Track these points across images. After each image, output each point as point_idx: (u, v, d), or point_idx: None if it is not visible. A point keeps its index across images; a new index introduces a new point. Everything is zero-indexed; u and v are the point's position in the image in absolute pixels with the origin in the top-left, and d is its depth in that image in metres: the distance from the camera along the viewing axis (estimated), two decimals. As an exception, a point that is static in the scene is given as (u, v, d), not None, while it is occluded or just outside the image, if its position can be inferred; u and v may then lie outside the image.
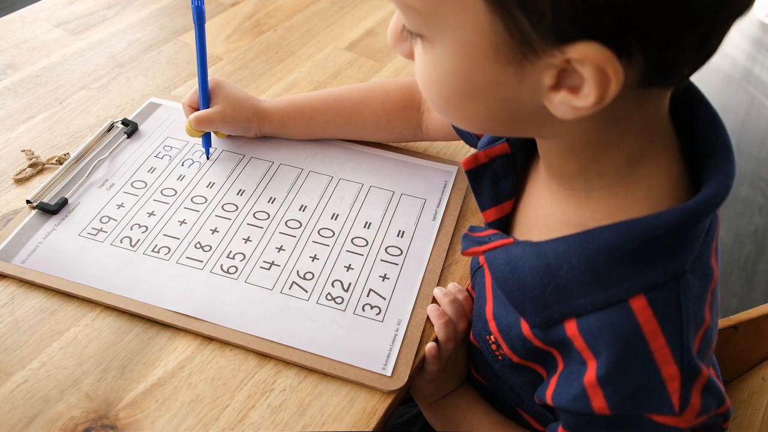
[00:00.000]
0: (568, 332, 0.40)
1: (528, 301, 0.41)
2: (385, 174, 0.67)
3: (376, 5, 0.98)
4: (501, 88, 0.35)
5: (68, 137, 0.70)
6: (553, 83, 0.33)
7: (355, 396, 0.49)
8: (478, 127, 0.41)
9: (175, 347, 0.52)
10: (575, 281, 0.38)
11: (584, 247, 0.38)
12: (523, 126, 0.39)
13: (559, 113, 0.34)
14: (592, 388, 0.39)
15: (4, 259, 0.56)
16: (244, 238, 0.60)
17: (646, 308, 0.37)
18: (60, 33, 0.86)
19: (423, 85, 0.39)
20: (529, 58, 0.32)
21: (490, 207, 0.51)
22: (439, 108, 0.40)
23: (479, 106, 0.37)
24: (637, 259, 0.37)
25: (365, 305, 0.55)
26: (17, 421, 0.46)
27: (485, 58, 0.34)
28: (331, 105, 0.68)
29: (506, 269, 0.42)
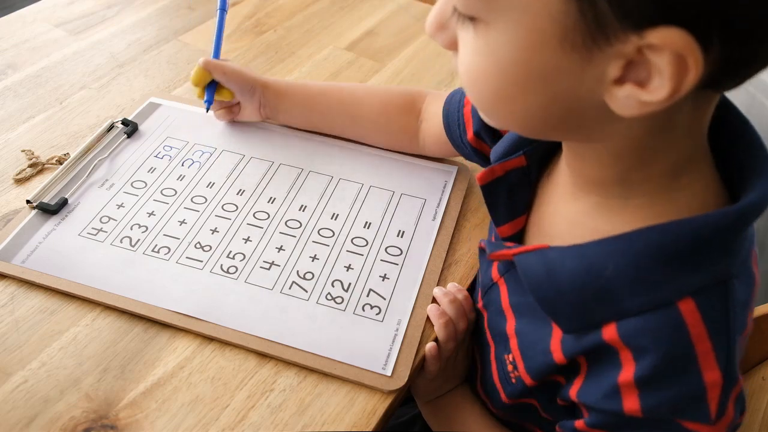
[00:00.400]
0: (605, 336, 0.38)
1: (565, 305, 0.40)
2: (385, 174, 0.67)
3: (376, 5, 0.98)
4: (561, 79, 0.33)
5: (68, 137, 0.70)
6: (619, 75, 0.31)
7: (355, 396, 0.49)
8: (526, 126, 0.38)
9: (175, 347, 0.52)
10: (619, 283, 0.37)
11: (630, 248, 0.36)
12: (575, 125, 0.36)
13: (621, 109, 0.32)
14: (627, 388, 0.38)
15: (4, 259, 0.56)
16: (244, 238, 0.60)
17: (695, 311, 0.35)
18: (60, 33, 0.86)
19: (470, 76, 0.36)
20: (599, 45, 0.30)
21: (505, 222, 0.49)
22: (486, 102, 0.37)
23: (533, 99, 0.34)
24: (684, 260, 0.35)
25: (365, 305, 0.55)
26: (17, 421, 0.46)
27: (549, 44, 0.31)
28: (335, 92, 0.69)
29: (541, 272, 0.41)
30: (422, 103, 0.66)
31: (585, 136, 0.38)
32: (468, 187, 0.67)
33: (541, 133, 0.40)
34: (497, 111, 0.37)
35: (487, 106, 0.38)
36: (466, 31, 0.35)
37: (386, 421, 0.50)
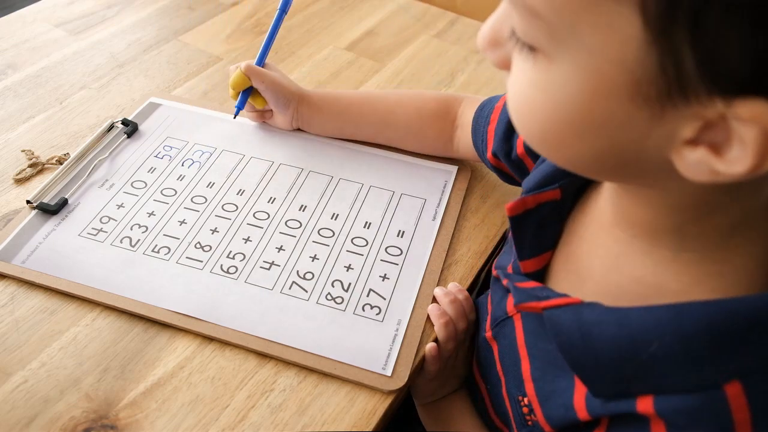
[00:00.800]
0: (638, 408, 0.36)
1: (600, 372, 0.37)
2: (385, 174, 0.67)
3: (376, 5, 0.98)
4: (624, 132, 0.29)
5: (68, 137, 0.70)
6: (692, 137, 0.28)
7: (355, 396, 0.49)
8: (574, 167, 0.35)
9: (175, 347, 0.52)
10: (663, 360, 0.34)
11: (679, 324, 0.33)
12: (631, 175, 0.33)
13: (689, 173, 0.29)
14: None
15: (4, 259, 0.56)
16: (244, 238, 0.60)
17: (741, 396, 0.33)
18: (60, 33, 0.86)
19: (520, 107, 0.33)
20: (674, 103, 0.27)
21: (531, 257, 0.46)
22: (531, 138, 0.34)
23: (587, 146, 0.31)
24: (735, 342, 0.33)
25: (365, 305, 0.55)
26: (17, 421, 0.46)
27: (617, 94, 0.28)
28: (368, 100, 0.69)
29: (575, 335, 0.37)
30: (458, 108, 0.66)
31: (641, 184, 0.35)
32: (468, 187, 0.67)
33: (591, 174, 0.36)
34: (543, 149, 0.34)
35: (533, 141, 0.34)
36: (523, 58, 0.31)
37: (386, 421, 0.50)
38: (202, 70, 0.81)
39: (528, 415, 0.45)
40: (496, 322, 0.51)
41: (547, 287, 0.42)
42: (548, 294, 0.41)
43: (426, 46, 0.90)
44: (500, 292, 0.52)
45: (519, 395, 0.46)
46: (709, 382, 0.33)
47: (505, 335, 0.49)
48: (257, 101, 0.68)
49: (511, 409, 0.48)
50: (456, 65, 0.86)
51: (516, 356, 0.47)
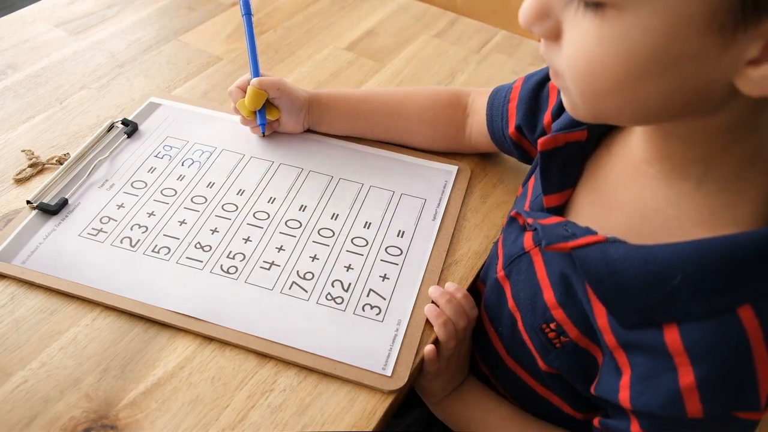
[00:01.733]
0: (666, 338, 0.39)
1: (627, 303, 0.41)
2: (385, 174, 0.67)
3: (376, 5, 0.98)
4: (695, 65, 0.32)
5: (68, 137, 0.70)
6: (757, 56, 0.31)
7: (355, 396, 0.49)
8: (637, 115, 0.38)
9: (175, 347, 0.52)
10: (686, 290, 0.38)
11: (702, 259, 0.37)
12: (693, 109, 0.35)
13: (753, 89, 0.32)
14: (689, 392, 0.38)
15: (4, 260, 0.56)
16: (244, 238, 0.60)
17: (754, 318, 0.37)
18: (60, 33, 0.86)
19: (589, 66, 0.34)
20: (746, 25, 0.30)
21: (555, 192, 0.49)
22: (600, 93, 0.35)
23: (659, 86, 0.34)
24: (749, 270, 0.37)
25: (365, 305, 0.55)
26: (17, 421, 0.46)
27: (694, 28, 0.30)
28: (378, 95, 0.70)
29: (604, 271, 0.41)
30: (468, 98, 0.68)
31: (694, 116, 0.37)
32: (468, 187, 0.67)
33: (649, 119, 0.39)
34: (610, 101, 0.36)
35: (602, 96, 0.36)
36: (585, 19, 0.33)
37: (386, 421, 0.50)
38: (202, 70, 0.81)
39: (555, 339, 0.48)
40: (510, 260, 0.53)
41: (570, 221, 0.45)
42: (573, 231, 0.44)
43: (426, 46, 0.90)
44: (515, 232, 0.54)
45: (543, 324, 0.49)
46: (725, 308, 0.37)
47: (520, 271, 0.52)
48: (272, 113, 0.68)
49: (531, 341, 0.50)
50: (456, 65, 0.86)
51: (536, 287, 0.49)
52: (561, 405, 0.53)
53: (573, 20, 0.34)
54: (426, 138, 0.69)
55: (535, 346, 0.50)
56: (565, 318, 0.47)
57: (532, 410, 0.56)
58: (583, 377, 0.48)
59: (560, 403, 0.53)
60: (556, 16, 0.35)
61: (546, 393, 0.54)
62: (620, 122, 0.43)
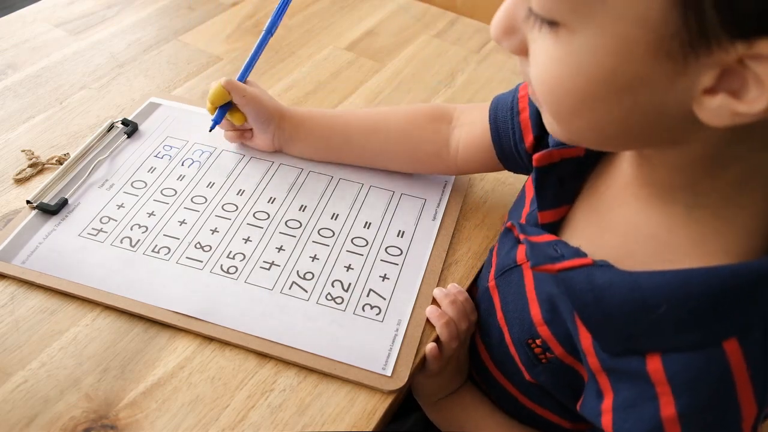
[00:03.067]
0: (648, 367, 0.38)
1: (610, 330, 0.40)
2: (385, 174, 0.67)
3: (376, 5, 0.98)
4: (649, 89, 0.31)
5: (68, 137, 0.70)
6: (711, 85, 0.30)
7: (355, 396, 0.49)
8: (602, 137, 0.37)
9: (175, 347, 0.52)
10: (672, 320, 0.37)
11: (687, 288, 0.36)
12: (654, 134, 0.35)
13: (711, 119, 0.31)
14: (670, 423, 0.38)
15: (4, 260, 0.56)
16: (244, 238, 0.60)
17: (738, 351, 0.36)
18: (60, 33, 0.86)
19: (548, 85, 0.34)
20: (696, 54, 0.29)
21: (549, 208, 0.48)
22: (562, 114, 0.36)
23: (614, 111, 0.33)
24: (735, 303, 0.36)
25: (365, 305, 0.55)
26: (17, 421, 0.46)
27: (641, 53, 0.30)
28: (357, 114, 0.66)
29: (589, 296, 0.40)
30: (453, 112, 0.64)
31: (661, 144, 0.37)
32: (468, 187, 0.67)
33: (615, 143, 0.39)
34: (573, 122, 0.36)
35: (563, 117, 0.36)
36: (543, 36, 0.33)
37: (386, 421, 0.50)
38: (202, 70, 0.82)
39: (541, 355, 0.47)
40: (501, 271, 0.52)
41: (561, 241, 0.44)
42: (562, 252, 0.43)
43: (426, 46, 0.90)
44: (509, 243, 0.53)
45: (529, 339, 0.48)
46: (710, 341, 0.36)
47: (510, 283, 0.51)
48: (235, 117, 0.65)
49: (518, 354, 0.50)
50: (456, 65, 0.86)
51: (524, 302, 0.49)
52: (548, 415, 0.53)
53: (535, 37, 0.34)
54: (407, 157, 0.65)
55: (522, 360, 0.50)
56: (551, 336, 0.46)
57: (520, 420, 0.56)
58: (570, 392, 0.47)
59: (547, 414, 0.53)
60: (522, 32, 0.35)
61: (531, 405, 0.54)
62: (588, 145, 0.43)
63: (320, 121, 0.66)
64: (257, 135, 0.66)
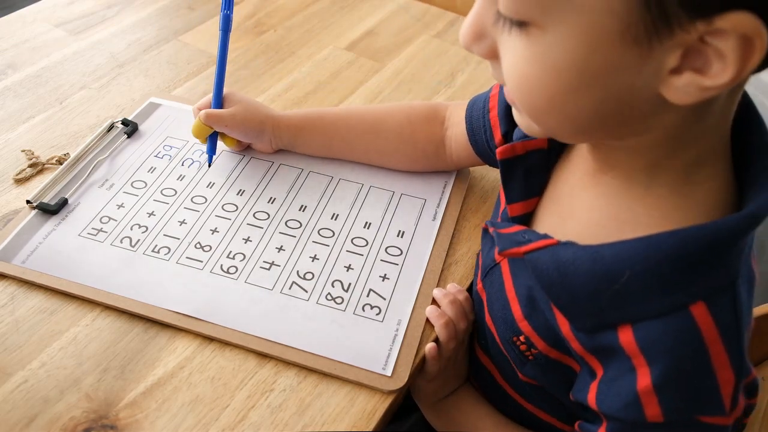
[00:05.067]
0: (621, 339, 0.39)
1: (578, 306, 0.40)
2: (385, 174, 0.67)
3: (376, 5, 0.98)
4: (619, 75, 0.33)
5: (68, 137, 0.70)
6: (677, 65, 0.31)
7: (355, 396, 0.49)
8: (575, 128, 0.38)
9: (175, 347, 0.52)
10: (635, 288, 0.37)
11: (649, 254, 0.37)
12: (624, 121, 0.36)
13: (679, 98, 0.32)
14: (647, 395, 0.38)
15: (4, 259, 0.56)
16: (244, 238, 0.60)
17: (707, 315, 0.36)
18: (60, 33, 0.86)
19: (523, 85, 0.35)
20: (660, 37, 0.31)
21: (518, 201, 0.49)
22: (536, 110, 0.37)
23: (588, 99, 0.34)
24: (697, 266, 0.36)
25: (365, 305, 0.55)
26: (17, 421, 0.46)
27: (610, 41, 0.31)
28: (354, 113, 0.66)
29: (554, 274, 0.41)
30: (445, 111, 0.65)
31: (629, 131, 0.38)
32: (468, 187, 0.67)
33: (587, 134, 0.40)
34: (547, 116, 0.37)
35: (538, 113, 0.37)
36: (513, 38, 0.34)
37: (386, 421, 0.50)
38: (202, 70, 0.82)
39: (527, 352, 0.48)
40: (485, 272, 0.53)
41: (529, 230, 0.45)
42: (529, 237, 0.43)
43: (426, 46, 0.90)
44: (489, 243, 0.54)
45: (513, 336, 0.48)
46: (677, 306, 0.37)
47: (492, 283, 0.52)
48: (228, 141, 0.66)
49: (507, 353, 0.50)
50: (456, 65, 0.86)
51: (505, 300, 0.49)
52: (547, 418, 0.54)
53: (505, 40, 0.35)
54: (407, 157, 0.66)
55: (512, 358, 0.50)
56: (531, 331, 0.47)
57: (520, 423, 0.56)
58: (563, 387, 0.48)
59: (546, 417, 0.54)
60: (491, 36, 0.36)
61: (532, 408, 0.54)
62: (566, 139, 0.44)
63: (321, 126, 0.66)
64: (255, 145, 0.67)
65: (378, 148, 0.66)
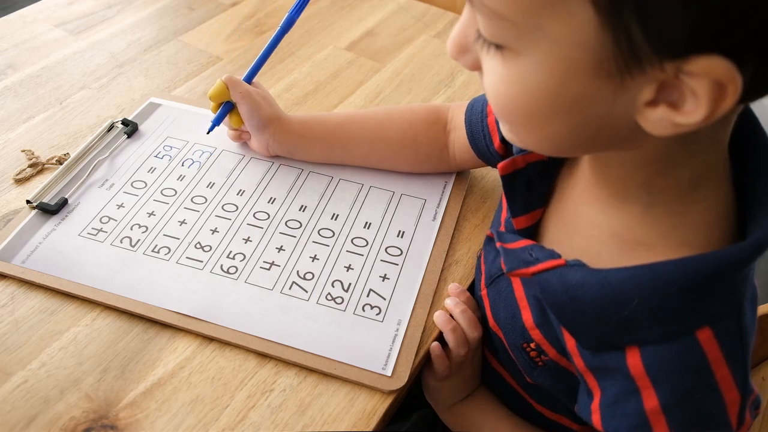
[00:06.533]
0: (628, 360, 0.39)
1: (587, 327, 0.41)
2: (385, 174, 0.67)
3: (376, 5, 0.98)
4: (593, 105, 0.33)
5: (68, 137, 0.70)
6: (652, 98, 0.31)
7: (355, 396, 0.49)
8: (554, 148, 0.39)
9: (175, 347, 0.52)
10: (643, 313, 0.38)
11: (655, 282, 0.37)
12: (604, 143, 0.37)
13: (655, 130, 0.32)
14: (655, 416, 0.38)
15: (4, 259, 0.56)
16: (244, 238, 0.60)
17: (712, 340, 0.37)
18: (60, 33, 0.86)
19: (499, 101, 0.36)
20: (632, 73, 0.30)
21: (522, 214, 0.49)
22: (515, 127, 0.37)
23: (563, 125, 0.35)
24: (703, 292, 0.37)
25: (365, 305, 0.55)
26: (17, 421, 0.46)
27: (582, 74, 0.32)
28: (355, 119, 0.66)
29: (564, 297, 0.41)
30: (447, 113, 0.64)
31: (615, 149, 0.38)
32: (468, 187, 0.67)
33: (569, 152, 0.41)
34: (526, 135, 0.38)
35: (516, 130, 0.38)
36: (491, 57, 0.35)
37: (386, 421, 0.50)
38: (202, 70, 0.82)
39: (537, 358, 0.48)
40: (490, 280, 0.53)
41: (537, 245, 0.45)
42: (536, 256, 0.43)
43: (426, 46, 0.90)
44: (494, 252, 0.53)
45: (524, 343, 0.49)
46: (683, 331, 0.37)
47: (499, 290, 0.52)
48: (233, 119, 0.65)
49: (516, 358, 0.51)
50: (456, 65, 0.86)
51: (515, 308, 0.49)
52: (559, 419, 0.54)
53: (485, 56, 0.36)
54: (409, 161, 0.66)
55: (521, 363, 0.50)
56: (543, 338, 0.47)
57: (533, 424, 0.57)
58: (570, 394, 0.48)
59: (558, 418, 0.54)
60: (475, 50, 0.37)
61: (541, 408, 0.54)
62: (544, 153, 0.44)
63: (321, 134, 0.65)
64: (252, 138, 0.66)
65: (379, 154, 0.66)
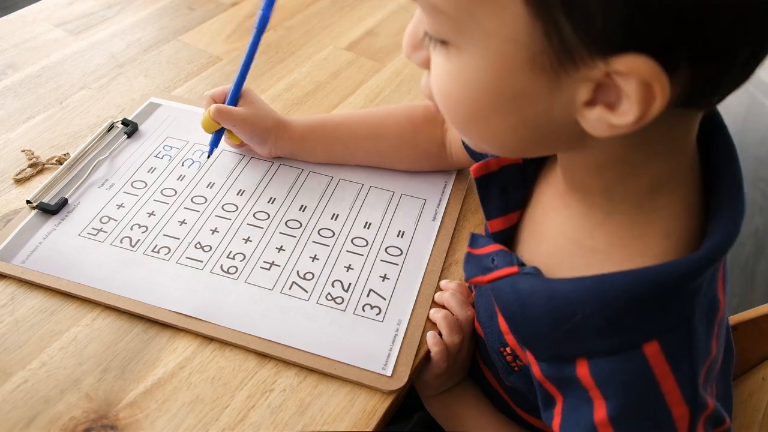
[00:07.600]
0: (578, 372, 0.39)
1: (538, 338, 0.41)
2: (385, 174, 0.67)
3: (376, 5, 0.98)
4: (532, 102, 0.33)
5: (68, 137, 0.70)
6: (589, 98, 0.31)
7: (355, 396, 0.49)
8: (501, 147, 0.39)
9: (175, 347, 0.52)
10: (590, 326, 0.38)
11: (600, 295, 0.37)
12: (551, 143, 0.37)
13: (594, 130, 0.32)
14: (603, 427, 0.38)
15: (4, 259, 0.56)
16: (244, 238, 0.60)
17: (659, 353, 0.36)
18: (60, 33, 0.86)
19: (442, 98, 0.36)
20: (566, 69, 0.30)
21: (496, 217, 0.49)
22: (459, 124, 0.37)
23: (505, 122, 0.35)
24: (651, 305, 0.36)
25: (365, 305, 0.55)
26: (17, 421, 0.46)
27: (518, 68, 0.31)
28: (356, 118, 0.67)
29: (515, 305, 0.41)
30: None
31: (564, 150, 0.38)
32: (468, 187, 0.67)
33: (518, 152, 0.41)
34: (470, 132, 0.38)
35: (461, 127, 0.38)
36: (437, 53, 0.35)
37: (386, 421, 0.50)
38: (202, 70, 0.82)
39: (513, 363, 0.48)
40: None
41: (502, 250, 0.45)
42: (498, 262, 0.44)
43: (426, 46, 0.89)
44: None
45: (500, 347, 0.49)
46: (630, 344, 0.37)
47: (482, 292, 0.52)
48: (232, 138, 0.66)
49: (495, 362, 0.51)
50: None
51: (492, 311, 0.49)
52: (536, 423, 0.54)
53: (433, 54, 0.36)
54: (408, 158, 0.66)
55: (499, 366, 0.51)
56: (516, 344, 0.47)
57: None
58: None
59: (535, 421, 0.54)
60: (426, 48, 0.37)
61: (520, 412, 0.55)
62: (493, 152, 0.44)
63: (322, 134, 0.66)
64: (254, 148, 0.67)
65: (379, 150, 0.66)
